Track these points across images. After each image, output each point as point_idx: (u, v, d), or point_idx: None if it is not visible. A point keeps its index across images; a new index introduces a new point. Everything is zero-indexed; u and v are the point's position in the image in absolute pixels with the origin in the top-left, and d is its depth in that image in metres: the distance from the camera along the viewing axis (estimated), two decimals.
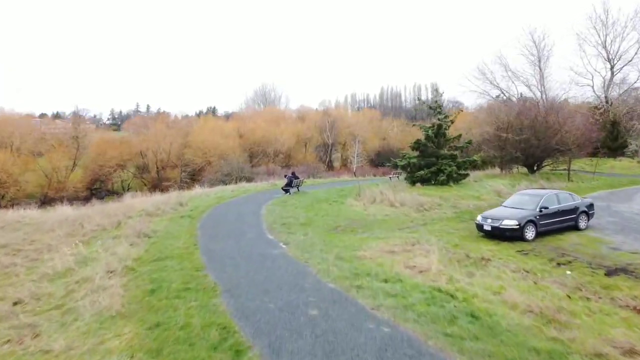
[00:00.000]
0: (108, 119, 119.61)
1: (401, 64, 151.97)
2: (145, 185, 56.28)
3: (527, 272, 9.57)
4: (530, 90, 52.15)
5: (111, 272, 8.78)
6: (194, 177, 54.31)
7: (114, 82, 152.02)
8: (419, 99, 26.36)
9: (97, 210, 19.78)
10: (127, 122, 71.70)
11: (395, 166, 25.48)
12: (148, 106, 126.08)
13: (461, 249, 11.32)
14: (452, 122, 24.43)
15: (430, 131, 23.04)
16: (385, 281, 8.07)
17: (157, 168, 55.56)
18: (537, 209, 12.56)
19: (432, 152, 23.21)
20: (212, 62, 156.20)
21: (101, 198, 53.37)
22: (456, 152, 23.08)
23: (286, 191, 21.45)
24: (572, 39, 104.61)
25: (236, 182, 39.77)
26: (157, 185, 55.73)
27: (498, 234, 12.25)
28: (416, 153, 23.87)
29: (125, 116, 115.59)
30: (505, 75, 55.00)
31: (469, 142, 24.17)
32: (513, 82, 56.14)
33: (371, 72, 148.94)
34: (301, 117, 67.44)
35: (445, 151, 23.05)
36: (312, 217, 15.59)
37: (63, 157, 55.46)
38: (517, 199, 13.61)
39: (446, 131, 23.53)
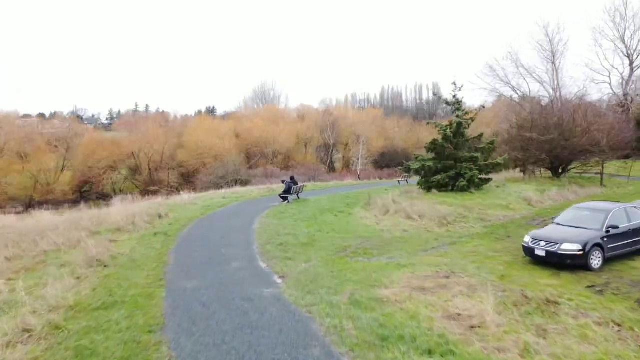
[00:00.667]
0: (107, 119, 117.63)
1: (402, 64, 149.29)
2: (137, 187, 53.63)
3: (619, 325, 6.85)
4: (544, 87, 49.45)
5: (28, 331, 6.04)
6: (188, 179, 51.64)
7: (113, 82, 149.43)
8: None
9: (66, 220, 17.07)
10: (118, 122, 68.87)
11: (408, 170, 22.73)
12: (147, 106, 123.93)
13: (511, 283, 8.59)
14: (472, 120, 21.66)
15: (448, 130, 20.28)
16: (430, 354, 5.34)
17: (150, 170, 52.86)
18: (604, 229, 9.81)
19: (450, 154, 20.47)
20: (212, 62, 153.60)
21: (92, 201, 50.70)
22: (477, 154, 20.30)
23: (284, 199, 18.71)
24: (587, 34, 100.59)
25: (231, 186, 37.07)
26: (150, 188, 53.09)
27: (555, 262, 9.53)
28: (431, 155, 21.12)
29: (124, 116, 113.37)
30: (517, 72, 52.31)
31: (492, 143, 21.37)
32: (524, 79, 53.38)
33: (372, 71, 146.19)
34: (301, 116, 64.73)
35: (464, 153, 20.30)
36: (315, 233, 12.85)
37: (51, 158, 52.80)
38: (574, 215, 10.84)
39: (465, 130, 20.77)
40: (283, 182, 19.47)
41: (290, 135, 54.20)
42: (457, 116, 20.89)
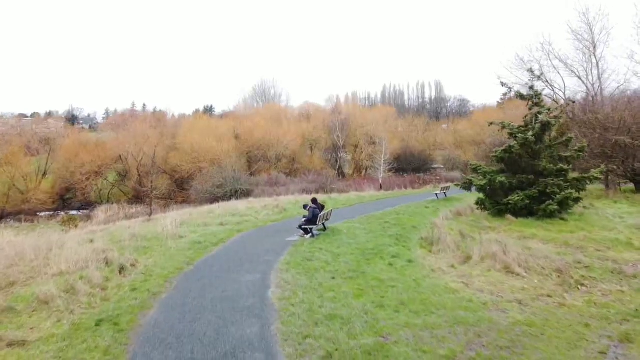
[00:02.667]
0: (103, 118, 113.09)
1: (404, 61, 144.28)
2: (125, 195, 48.21)
3: None
4: (582, 82, 44.07)
5: None
6: (181, 186, 46.16)
7: (110, 81, 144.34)
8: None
9: None
10: (104, 122, 63.22)
11: (469, 185, 17.33)
12: (144, 105, 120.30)
13: None
14: (557, 119, 16.18)
15: (530, 134, 14.85)
16: None
17: (139, 175, 47.35)
18: None
19: (528, 165, 15.09)
20: (211, 60, 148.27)
21: (63, 219, 45.34)
22: (565, 166, 14.94)
23: (306, 230, 13.27)
24: (628, 22, 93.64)
25: (229, 198, 31.65)
26: (139, 195, 47.69)
27: None
28: (499, 166, 15.73)
29: (111, 116, 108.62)
30: (550, 65, 46.83)
31: (581, 150, 15.93)
32: (558, 73, 47.78)
33: (373, 69, 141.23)
34: (306, 115, 59.24)
35: (547, 164, 14.91)
36: (377, 314, 7.41)
37: (29, 162, 47.28)
38: None
39: (549, 133, 15.38)
40: (305, 207, 13.96)
41: (295, 136, 48.75)
42: (538, 113, 15.46)
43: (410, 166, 49.30)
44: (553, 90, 45.22)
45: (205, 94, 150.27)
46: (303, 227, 13.15)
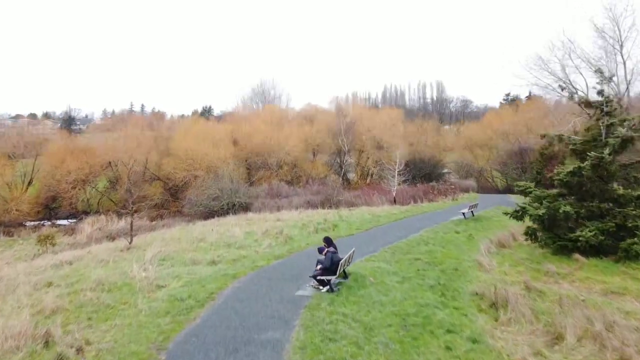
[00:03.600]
0: (101, 119, 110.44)
1: (405, 62, 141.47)
2: (115, 204, 44.95)
3: None
4: (607, 82, 40.92)
5: None
6: (175, 195, 42.96)
7: (109, 81, 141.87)
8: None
9: None
10: (90, 125, 60.03)
11: (520, 214, 14.16)
12: (142, 105, 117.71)
13: None
14: (634, 129, 12.97)
15: (607, 152, 11.72)
16: None
17: (131, 183, 44.08)
18: None
19: (598, 190, 12.00)
20: (211, 60, 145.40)
21: (65, 219, 42.31)
22: None
23: (323, 283, 10.09)
24: None
25: (226, 212, 28.52)
26: (125, 206, 44.44)
27: None
28: (558, 190, 12.59)
29: (119, 116, 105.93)
30: (571, 65, 43.62)
31: None
32: (580, 73, 44.54)
33: (373, 69, 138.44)
34: (309, 117, 56.06)
35: (626, 190, 11.79)
36: None
37: (12, 168, 44.08)
38: None
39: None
40: (320, 251, 10.73)
41: (297, 141, 45.58)
42: (610, 125, 12.32)
43: (420, 173, 46.17)
44: (572, 90, 42.04)
45: (205, 94, 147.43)
46: (318, 277, 9.98)
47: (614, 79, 40.18)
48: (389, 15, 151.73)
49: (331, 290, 9.81)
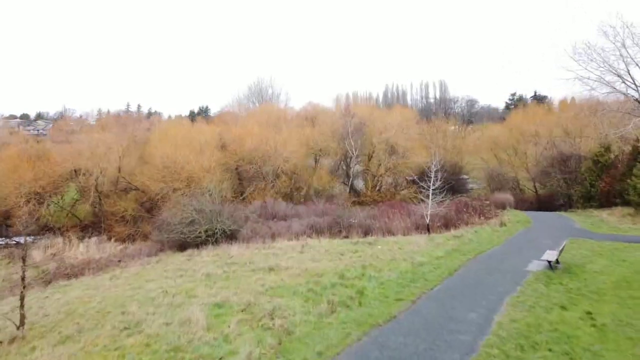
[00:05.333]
0: (95, 119, 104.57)
1: (406, 61, 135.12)
2: (80, 220, 38.05)
3: None
4: None
5: None
6: (150, 211, 35.88)
7: (106, 82, 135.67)
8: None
9: None
10: (51, 128, 52.96)
11: None
12: (139, 106, 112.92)
13: None
14: None
15: None
16: None
17: (99, 196, 37.15)
18: None
19: None
20: (210, 60, 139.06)
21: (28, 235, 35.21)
22: None
23: None
24: None
25: (204, 243, 21.60)
26: (98, 222, 37.54)
27: None
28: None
29: (113, 116, 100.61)
30: (619, 57, 36.76)
31: None
32: (626, 65, 37.61)
33: (374, 69, 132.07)
34: (310, 118, 49.12)
35: None
36: None
37: None
38: None
39: None
40: None
41: (297, 146, 38.61)
42: None
43: (443, 184, 39.17)
44: (628, 84, 34.92)
45: (203, 94, 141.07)
46: None
47: None
48: (390, 13, 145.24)
49: None
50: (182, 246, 23.36)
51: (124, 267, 20.08)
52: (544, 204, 39.21)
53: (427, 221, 20.68)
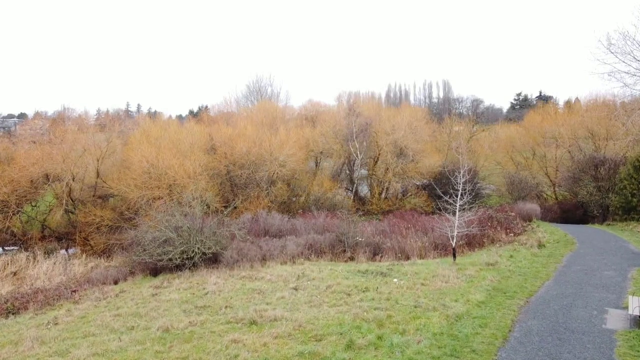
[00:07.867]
0: (94, 119, 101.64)
1: (409, 61, 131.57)
2: (52, 230, 34.23)
3: None
4: None
5: None
6: (131, 221, 31.94)
7: (106, 81, 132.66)
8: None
9: None
10: (21, 125, 49.16)
11: None
12: (139, 105, 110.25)
13: None
14: None
15: None
16: None
17: (73, 204, 33.32)
18: None
19: None
20: (210, 60, 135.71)
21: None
22: None
23: None
24: None
25: (180, 267, 17.74)
26: (72, 232, 33.72)
27: None
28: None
29: (113, 116, 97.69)
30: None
31: None
32: None
33: (376, 68, 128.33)
34: (310, 117, 45.19)
35: None
36: None
37: None
38: None
39: None
40: None
41: (296, 148, 34.66)
42: None
43: (456, 190, 35.17)
44: None
45: (204, 94, 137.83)
46: None
47: None
48: (393, 12, 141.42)
49: None
50: (154, 270, 19.52)
51: (77, 301, 16.18)
52: (567, 213, 35.18)
53: (454, 244, 16.66)
